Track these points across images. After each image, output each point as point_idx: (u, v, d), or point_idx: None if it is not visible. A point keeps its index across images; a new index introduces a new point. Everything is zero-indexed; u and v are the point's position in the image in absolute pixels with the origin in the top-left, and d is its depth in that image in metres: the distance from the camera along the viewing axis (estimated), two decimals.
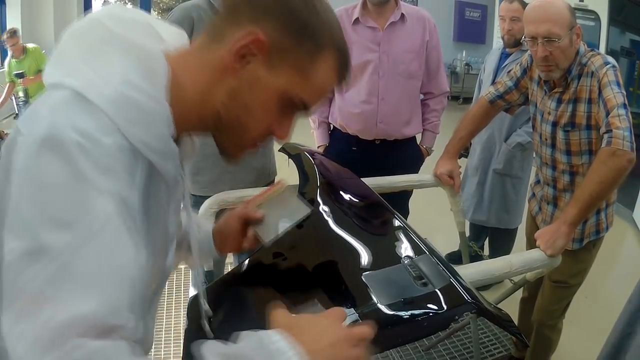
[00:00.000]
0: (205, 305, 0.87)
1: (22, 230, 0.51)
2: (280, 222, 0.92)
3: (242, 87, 0.66)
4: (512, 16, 2.46)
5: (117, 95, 0.58)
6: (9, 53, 5.21)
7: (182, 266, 1.70)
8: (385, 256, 1.02)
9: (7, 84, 5.29)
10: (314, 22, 0.66)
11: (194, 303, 0.96)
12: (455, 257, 2.72)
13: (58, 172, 0.53)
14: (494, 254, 2.69)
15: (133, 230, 0.55)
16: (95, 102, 0.57)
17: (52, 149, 0.53)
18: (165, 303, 2.56)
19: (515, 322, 1.99)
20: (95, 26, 0.64)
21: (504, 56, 2.62)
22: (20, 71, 4.98)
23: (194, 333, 0.90)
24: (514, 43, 2.52)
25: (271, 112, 0.68)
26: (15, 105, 5.12)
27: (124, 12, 0.67)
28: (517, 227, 2.77)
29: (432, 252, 1.00)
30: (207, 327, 0.85)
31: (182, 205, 0.80)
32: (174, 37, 0.71)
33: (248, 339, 0.54)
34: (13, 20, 5.62)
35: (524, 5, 2.37)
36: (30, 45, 5.25)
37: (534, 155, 1.85)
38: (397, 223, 1.14)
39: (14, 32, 5.13)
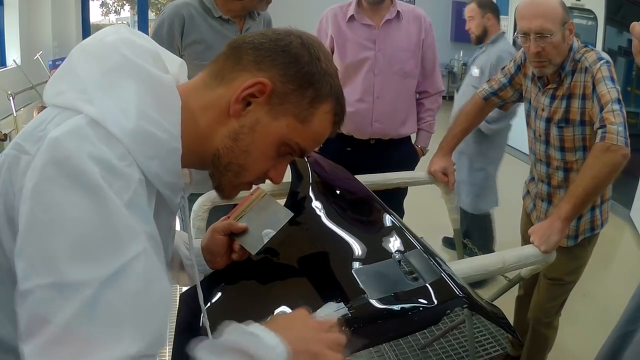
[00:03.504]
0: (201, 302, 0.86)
1: (44, 261, 0.50)
2: (263, 230, 0.93)
3: (243, 129, 0.68)
4: (468, 16, 2.77)
5: (136, 128, 0.59)
6: None
7: None
8: (377, 252, 1.02)
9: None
10: (316, 71, 0.68)
11: (187, 301, 0.95)
12: (451, 240, 2.84)
13: (82, 205, 0.52)
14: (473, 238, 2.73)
15: (161, 262, 0.57)
16: (114, 133, 0.57)
17: (73, 179, 0.52)
18: None
19: (511, 320, 2.00)
20: (111, 51, 0.63)
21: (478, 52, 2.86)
22: None
23: (185, 329, 0.90)
24: (476, 40, 2.79)
25: (269, 156, 0.70)
26: (12, 106, 4.89)
27: (136, 38, 0.68)
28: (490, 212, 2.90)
29: (426, 249, 1.00)
30: (206, 323, 0.85)
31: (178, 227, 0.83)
32: (177, 68, 0.72)
33: (240, 333, 0.61)
34: (11, 22, 5.59)
35: (479, 3, 2.72)
36: None
37: (528, 152, 1.84)
38: (390, 220, 1.14)
39: None
